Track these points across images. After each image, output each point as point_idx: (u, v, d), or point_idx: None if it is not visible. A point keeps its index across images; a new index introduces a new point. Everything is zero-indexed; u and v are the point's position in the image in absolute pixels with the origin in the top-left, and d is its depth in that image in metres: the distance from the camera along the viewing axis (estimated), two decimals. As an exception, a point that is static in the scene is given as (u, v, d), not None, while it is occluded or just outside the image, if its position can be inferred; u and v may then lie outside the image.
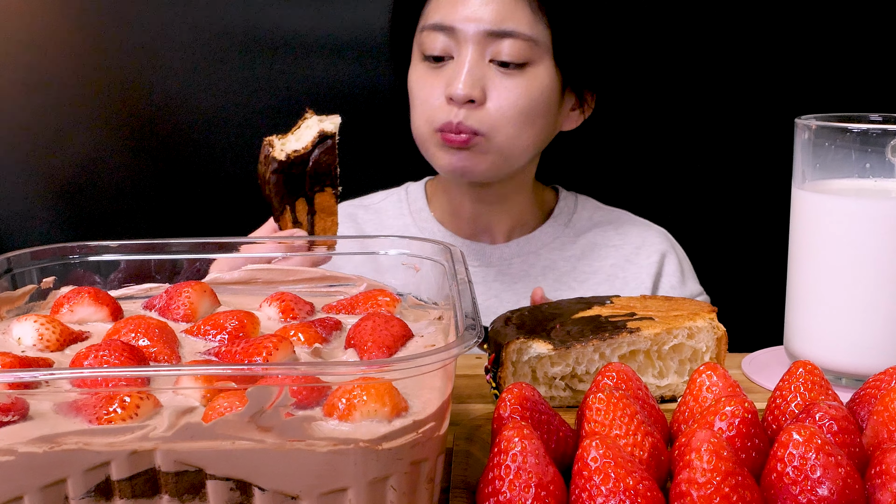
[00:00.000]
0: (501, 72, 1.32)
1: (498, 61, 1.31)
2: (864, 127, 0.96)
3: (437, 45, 1.33)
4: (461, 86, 1.30)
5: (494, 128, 1.32)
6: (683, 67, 1.72)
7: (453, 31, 1.32)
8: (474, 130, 1.32)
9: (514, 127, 1.33)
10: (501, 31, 1.30)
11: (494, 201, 1.45)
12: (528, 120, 1.34)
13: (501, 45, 1.31)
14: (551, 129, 1.40)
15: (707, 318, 0.95)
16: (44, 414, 0.63)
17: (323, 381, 0.65)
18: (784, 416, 0.77)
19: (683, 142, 1.76)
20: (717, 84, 1.73)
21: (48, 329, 0.75)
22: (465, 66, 1.31)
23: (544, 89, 1.34)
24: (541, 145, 1.41)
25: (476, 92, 1.30)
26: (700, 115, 1.74)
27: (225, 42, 1.70)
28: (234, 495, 0.63)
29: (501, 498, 0.64)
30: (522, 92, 1.32)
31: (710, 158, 1.76)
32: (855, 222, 0.95)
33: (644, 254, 1.48)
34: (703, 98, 1.74)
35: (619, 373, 0.80)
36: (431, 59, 1.35)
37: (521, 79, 1.32)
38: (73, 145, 1.73)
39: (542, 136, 1.39)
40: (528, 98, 1.32)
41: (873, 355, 0.95)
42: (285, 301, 0.84)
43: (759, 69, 1.72)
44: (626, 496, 0.62)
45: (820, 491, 0.62)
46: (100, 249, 0.90)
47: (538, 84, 1.33)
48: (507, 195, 1.45)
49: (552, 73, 1.34)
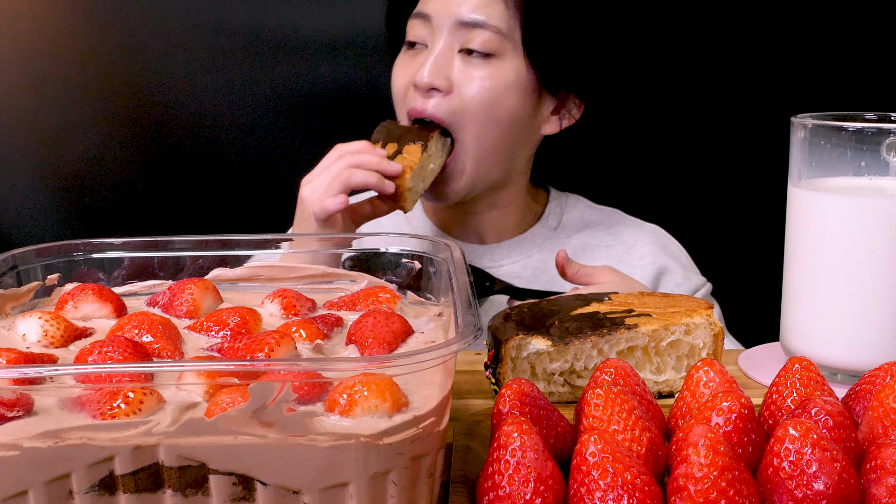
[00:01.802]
0: (467, 61, 1.32)
1: (466, 49, 1.32)
2: (860, 126, 0.96)
3: (414, 32, 1.35)
4: (425, 73, 1.31)
5: (458, 121, 1.32)
6: (680, 66, 1.72)
7: (429, 19, 1.33)
8: (440, 120, 1.32)
9: (479, 120, 1.32)
10: (472, 21, 1.31)
11: (486, 208, 1.46)
12: (492, 116, 1.33)
13: (471, 34, 1.31)
14: (526, 130, 1.38)
15: (704, 315, 0.96)
16: (48, 409, 0.64)
17: (324, 377, 0.65)
18: (780, 411, 0.77)
19: (681, 141, 1.76)
20: (715, 85, 1.73)
21: (52, 325, 0.76)
22: (433, 54, 1.32)
23: (510, 84, 1.33)
24: (513, 147, 1.39)
25: (440, 80, 1.31)
26: (698, 114, 1.74)
27: (228, 41, 1.71)
28: (236, 490, 0.63)
29: (501, 492, 0.64)
30: (486, 83, 1.31)
31: (708, 157, 1.76)
32: (850, 220, 0.95)
33: (637, 254, 1.47)
34: (701, 98, 1.73)
35: (617, 369, 0.80)
36: (409, 45, 1.37)
37: (486, 69, 1.32)
38: (77, 144, 1.73)
39: (514, 138, 1.37)
40: (491, 91, 1.32)
41: (868, 351, 0.95)
42: (287, 298, 0.84)
43: (755, 68, 1.72)
44: (623, 490, 0.63)
45: (816, 485, 0.63)
46: (104, 247, 0.90)
47: (503, 78, 1.32)
48: (496, 203, 1.45)
49: (521, 70, 1.33)
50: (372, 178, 1.27)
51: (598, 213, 1.54)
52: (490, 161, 1.37)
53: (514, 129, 1.36)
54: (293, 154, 1.45)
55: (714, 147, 1.76)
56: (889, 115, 0.98)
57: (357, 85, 1.71)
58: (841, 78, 1.70)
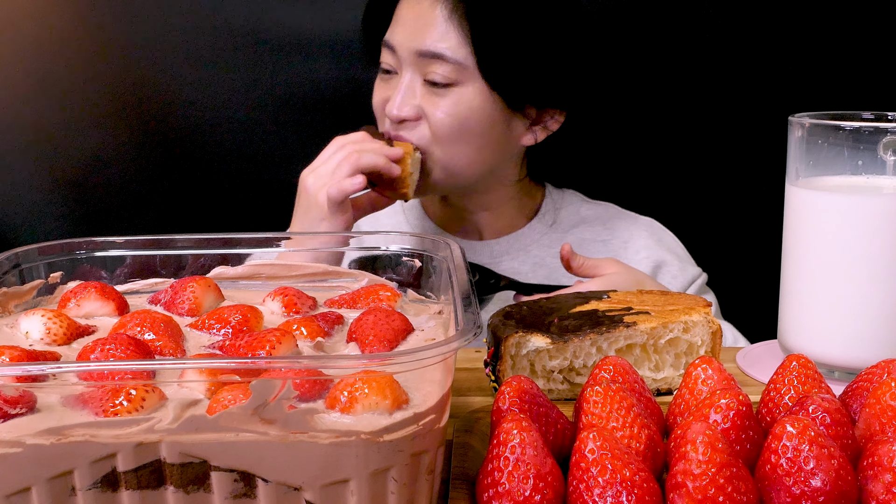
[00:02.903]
0: (433, 91, 1.35)
1: (430, 81, 1.35)
2: (857, 125, 0.96)
3: (384, 59, 1.40)
4: (395, 108, 1.35)
5: (428, 146, 1.36)
6: (677, 66, 1.72)
7: (394, 50, 1.37)
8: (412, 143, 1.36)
9: (447, 145, 1.36)
10: (430, 53, 1.34)
11: (478, 209, 1.48)
12: (462, 138, 1.36)
13: (432, 65, 1.35)
14: (499, 147, 1.41)
15: (702, 313, 0.96)
16: (51, 406, 0.64)
17: (325, 375, 0.65)
18: (778, 408, 0.77)
19: (680, 141, 1.76)
20: (714, 86, 1.73)
21: (55, 323, 0.76)
22: (401, 88, 1.36)
23: (474, 109, 1.36)
24: (489, 162, 1.41)
25: (409, 111, 1.35)
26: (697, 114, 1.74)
27: (229, 41, 1.71)
28: (237, 486, 0.63)
29: (500, 489, 0.64)
30: (450, 111, 1.35)
31: (707, 156, 1.76)
32: (847, 218, 0.95)
33: (633, 248, 1.49)
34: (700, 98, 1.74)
35: (616, 366, 0.81)
36: (383, 71, 1.41)
37: (448, 99, 1.35)
38: (80, 143, 1.73)
39: (487, 154, 1.40)
40: (455, 117, 1.35)
41: (865, 349, 0.95)
42: (288, 296, 0.85)
43: (754, 69, 1.72)
44: (622, 487, 0.63)
45: (813, 482, 0.63)
46: (106, 245, 0.91)
47: (466, 105, 1.35)
48: (490, 202, 1.48)
49: (484, 94, 1.36)
50: (381, 159, 1.30)
51: (594, 208, 1.55)
52: (463, 173, 1.40)
53: (485, 147, 1.40)
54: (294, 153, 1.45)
55: (712, 147, 1.76)
56: (886, 115, 0.98)
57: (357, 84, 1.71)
58: (838, 77, 1.70)
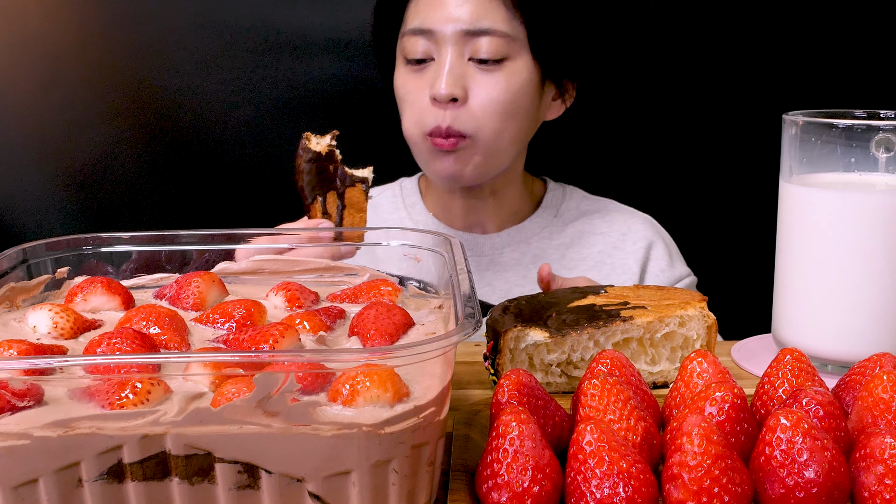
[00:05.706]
0: (481, 69, 1.34)
1: (477, 59, 1.33)
2: (850, 123, 0.96)
3: (418, 48, 1.36)
4: (443, 85, 1.32)
5: (479, 126, 1.34)
6: (673, 64, 1.73)
7: (432, 34, 1.34)
8: (461, 133, 1.34)
9: (498, 122, 1.35)
10: (478, 30, 1.32)
11: (485, 196, 1.48)
12: (510, 114, 1.36)
13: (479, 43, 1.33)
14: (534, 120, 1.42)
15: (698, 307, 0.96)
16: (58, 399, 0.64)
17: (327, 368, 0.65)
18: (772, 401, 0.78)
19: (674, 138, 1.76)
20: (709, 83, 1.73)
21: (62, 317, 0.76)
22: (445, 66, 1.33)
23: (523, 83, 1.36)
24: (525, 138, 1.42)
25: (458, 90, 1.32)
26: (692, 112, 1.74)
27: (233, 40, 1.72)
28: (241, 478, 0.64)
29: (499, 480, 0.65)
30: (503, 87, 1.34)
31: (701, 154, 1.77)
32: (840, 215, 0.96)
33: (630, 240, 1.50)
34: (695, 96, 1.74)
35: (613, 360, 0.81)
36: (414, 63, 1.37)
37: (500, 74, 1.34)
38: (86, 141, 1.74)
39: (525, 129, 1.41)
40: (508, 92, 1.34)
41: (858, 343, 0.96)
42: (291, 290, 0.85)
43: (748, 67, 1.73)
44: (619, 479, 0.63)
45: (807, 473, 0.63)
46: (112, 241, 0.91)
47: (517, 78, 1.35)
48: (497, 190, 1.48)
49: (530, 67, 1.36)
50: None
51: (594, 203, 1.56)
52: (503, 153, 1.40)
53: (526, 122, 1.40)
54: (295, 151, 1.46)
55: (707, 144, 1.76)
56: (878, 113, 0.99)
57: (359, 83, 1.72)
58: (832, 76, 1.71)
